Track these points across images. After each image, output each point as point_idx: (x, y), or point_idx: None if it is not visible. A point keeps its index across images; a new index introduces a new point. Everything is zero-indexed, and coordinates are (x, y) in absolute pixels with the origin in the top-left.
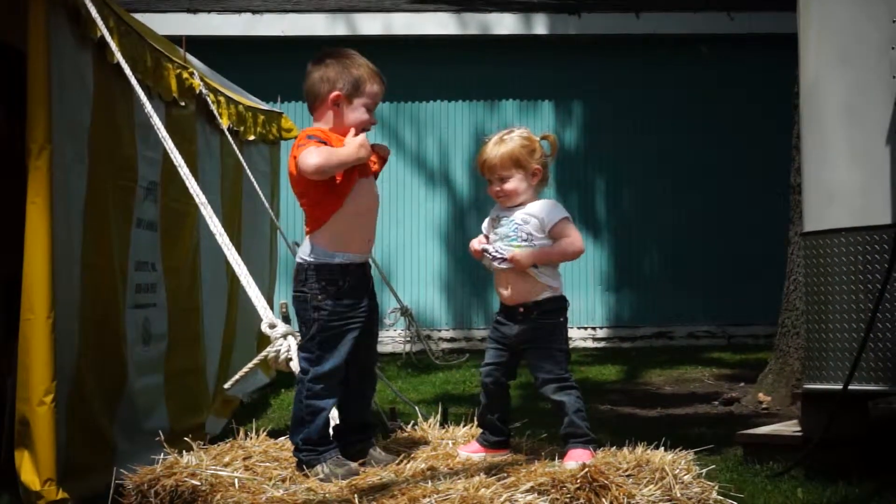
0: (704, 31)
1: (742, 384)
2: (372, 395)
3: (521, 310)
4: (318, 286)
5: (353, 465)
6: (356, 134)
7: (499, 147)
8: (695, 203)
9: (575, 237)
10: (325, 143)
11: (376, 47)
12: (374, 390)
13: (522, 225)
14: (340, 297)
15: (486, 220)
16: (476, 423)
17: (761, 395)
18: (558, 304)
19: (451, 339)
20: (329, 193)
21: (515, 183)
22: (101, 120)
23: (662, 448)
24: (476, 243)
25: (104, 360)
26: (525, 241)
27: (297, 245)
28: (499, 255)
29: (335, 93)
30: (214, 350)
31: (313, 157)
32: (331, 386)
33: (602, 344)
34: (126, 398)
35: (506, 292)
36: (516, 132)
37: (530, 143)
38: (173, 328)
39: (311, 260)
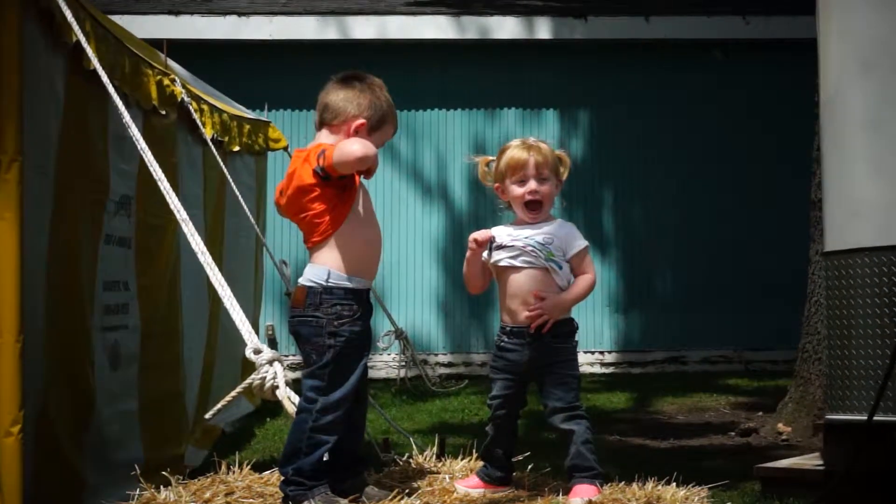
0: (718, 36)
1: (760, 413)
2: (364, 424)
3: (532, 332)
4: (334, 311)
5: (344, 501)
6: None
7: (540, 150)
8: (710, 219)
9: (592, 273)
10: None
11: (370, 52)
12: (366, 419)
13: (545, 245)
14: (356, 322)
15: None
16: (477, 456)
17: (781, 426)
18: (570, 327)
19: (449, 365)
20: (339, 199)
21: (552, 188)
22: (71, 130)
23: (675, 483)
24: (481, 234)
25: (71, 386)
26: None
27: (285, 263)
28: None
29: (361, 121)
30: (194, 375)
31: (356, 145)
32: (338, 419)
33: (610, 369)
34: (95, 427)
35: (524, 311)
36: (535, 140)
37: (562, 155)
38: (148, 351)
39: (327, 283)
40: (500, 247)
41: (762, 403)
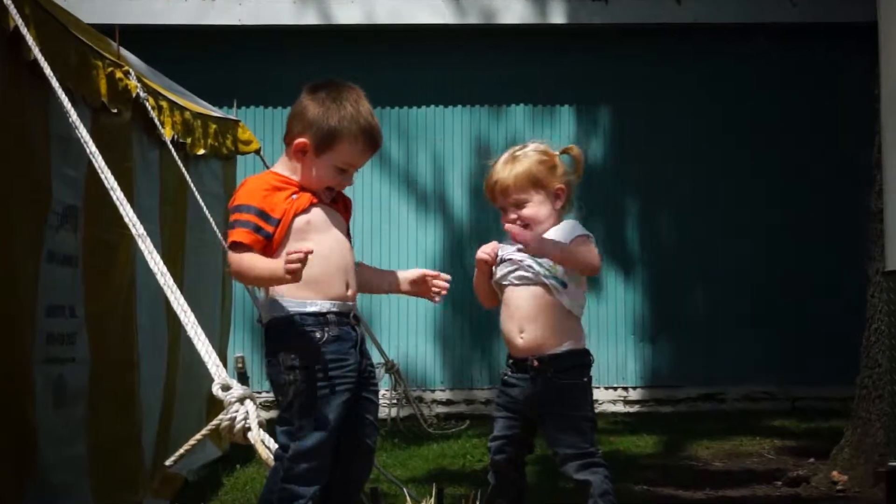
0: (760, 20)
1: (811, 460)
2: (365, 479)
3: (535, 363)
4: (289, 342)
5: None
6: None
7: (512, 165)
8: (751, 232)
9: (594, 252)
10: (263, 215)
11: (355, 40)
12: (368, 474)
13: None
14: (319, 351)
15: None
16: None
17: (836, 474)
18: (580, 360)
19: (448, 402)
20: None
21: (536, 207)
22: (7, 130)
23: None
24: (488, 249)
25: (7, 428)
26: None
27: None
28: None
29: (302, 139)
30: (152, 415)
31: (232, 263)
32: (317, 468)
33: (636, 408)
34: (36, 474)
35: (519, 339)
36: (531, 146)
37: (549, 157)
38: (98, 387)
39: (279, 314)
40: (502, 260)
41: (813, 448)
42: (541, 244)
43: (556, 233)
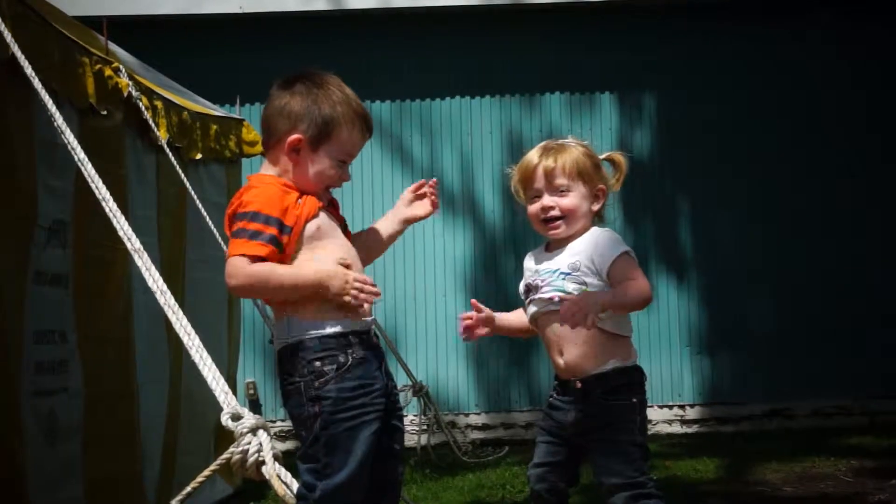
0: None
1: (893, 481)
2: None
3: (579, 385)
4: (312, 368)
5: None
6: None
7: (557, 152)
8: (820, 230)
9: (642, 281)
10: (282, 226)
11: (370, 26)
12: None
13: (571, 273)
14: (345, 377)
15: (522, 284)
16: None
17: None
18: (630, 379)
19: (484, 427)
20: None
21: (577, 199)
22: None
23: None
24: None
25: None
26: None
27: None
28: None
29: (295, 135)
30: (154, 450)
31: (235, 275)
32: None
33: (694, 428)
34: None
35: (560, 359)
36: (571, 139)
37: (594, 155)
38: (94, 421)
39: (297, 338)
40: (528, 288)
41: (894, 468)
42: (596, 303)
43: (589, 246)
